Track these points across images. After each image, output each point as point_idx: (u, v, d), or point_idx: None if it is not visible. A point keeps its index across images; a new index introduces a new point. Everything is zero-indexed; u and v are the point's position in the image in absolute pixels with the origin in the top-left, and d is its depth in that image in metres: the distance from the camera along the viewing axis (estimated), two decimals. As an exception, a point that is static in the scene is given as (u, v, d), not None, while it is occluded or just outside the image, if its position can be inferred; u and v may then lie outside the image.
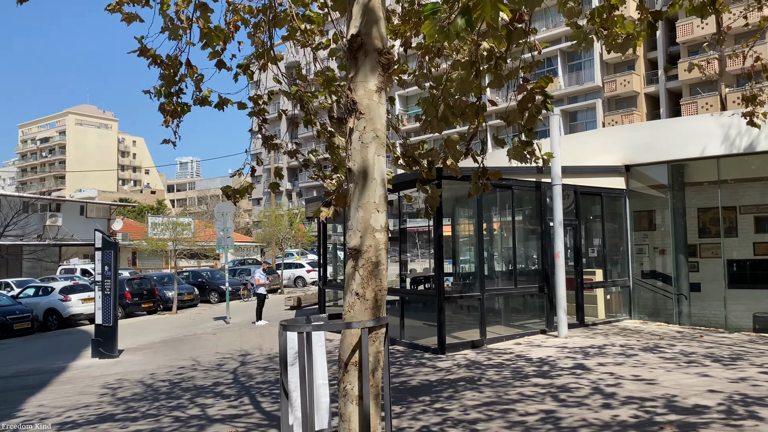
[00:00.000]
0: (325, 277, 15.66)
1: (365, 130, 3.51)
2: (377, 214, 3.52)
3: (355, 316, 3.56)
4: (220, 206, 19.53)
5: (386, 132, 3.63)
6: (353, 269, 3.57)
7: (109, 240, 14.21)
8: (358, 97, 3.52)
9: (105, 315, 13.90)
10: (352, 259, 3.58)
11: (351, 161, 3.56)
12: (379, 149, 3.55)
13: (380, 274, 3.55)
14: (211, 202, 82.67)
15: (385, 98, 3.68)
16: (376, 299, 3.55)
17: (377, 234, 3.53)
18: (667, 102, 46.29)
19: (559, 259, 11.88)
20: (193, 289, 25.56)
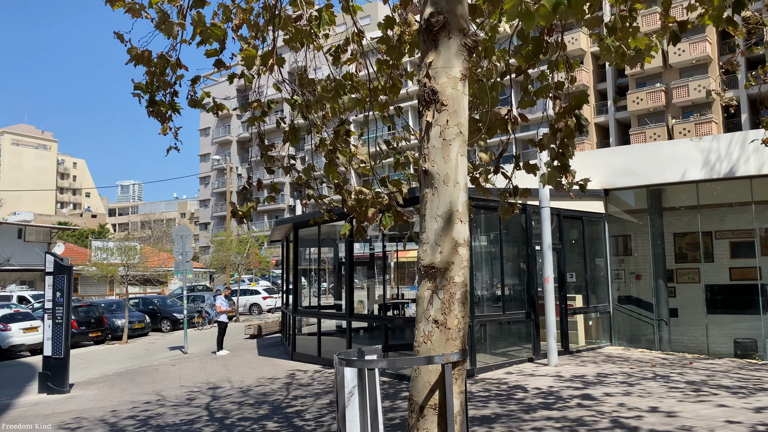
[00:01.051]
0: (295, 302, 14.84)
1: (448, 124, 2.93)
2: (460, 225, 2.93)
3: (433, 348, 2.93)
4: (178, 229, 18.48)
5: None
6: (430, 292, 2.95)
7: (62, 264, 13.04)
8: (439, 86, 2.94)
9: (55, 346, 12.68)
10: (427, 279, 2.96)
11: (428, 162, 2.96)
12: (462, 148, 2.97)
13: (464, 298, 2.94)
14: (155, 227, 79.98)
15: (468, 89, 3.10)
16: (460, 328, 2.93)
17: (461, 249, 2.93)
18: (616, 132, 47.52)
19: (549, 284, 11.48)
20: (144, 317, 24.14)
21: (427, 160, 2.98)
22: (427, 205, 2.99)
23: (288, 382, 11.58)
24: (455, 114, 2.95)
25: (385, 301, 17.81)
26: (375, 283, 18.48)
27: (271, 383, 11.56)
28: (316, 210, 20.20)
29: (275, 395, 10.33)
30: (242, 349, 17.89)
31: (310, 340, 14.62)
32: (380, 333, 14.43)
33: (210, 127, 77.94)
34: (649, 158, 13.92)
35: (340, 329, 16.16)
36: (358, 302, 21.56)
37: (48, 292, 12.97)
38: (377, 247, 19.38)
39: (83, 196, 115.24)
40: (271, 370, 13.25)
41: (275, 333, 21.85)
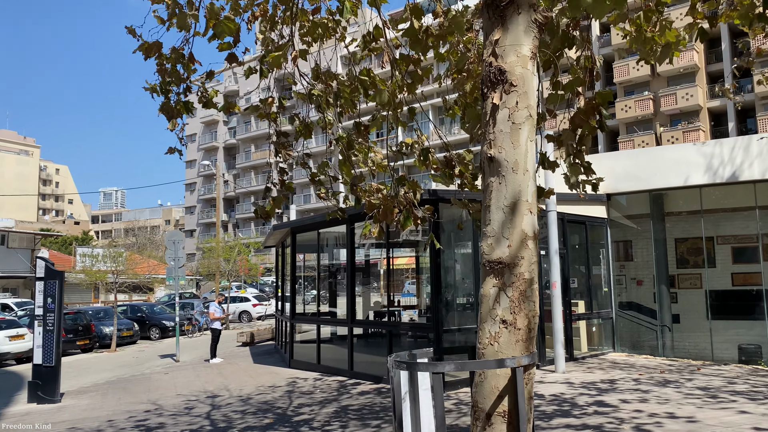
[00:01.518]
0: (293, 309, 14.52)
1: (517, 107, 2.70)
2: (530, 216, 2.71)
3: (502, 350, 2.69)
4: (171, 234, 18.10)
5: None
6: (497, 289, 2.71)
7: (53, 269, 12.64)
8: (508, 65, 2.72)
9: (46, 354, 12.25)
10: (493, 275, 2.72)
11: (494, 148, 2.74)
12: (532, 132, 2.75)
13: (534, 296, 2.71)
14: (140, 234, 79.01)
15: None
16: (530, 328, 2.69)
17: (530, 242, 2.70)
18: (605, 139, 47.71)
19: (556, 289, 11.29)
20: (133, 324, 23.63)
21: (493, 146, 2.75)
22: (492, 194, 2.76)
23: (289, 390, 11.26)
24: (525, 95, 2.74)
25: (385, 307, 17.53)
26: (369, 289, 18.21)
27: (272, 391, 11.23)
28: (318, 213, 19.97)
29: (278, 403, 10.02)
30: (236, 356, 17.51)
31: (309, 347, 14.30)
32: (381, 340, 14.14)
33: (196, 134, 77.28)
34: (652, 163, 13.82)
35: (335, 336, 15.82)
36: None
37: (38, 298, 12.55)
38: (372, 254, 19.13)
39: (66, 203, 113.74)
40: (269, 378, 12.91)
41: (268, 341, 21.47)
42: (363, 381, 11.44)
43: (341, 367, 12.42)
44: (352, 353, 12.11)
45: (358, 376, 11.80)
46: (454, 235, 11.72)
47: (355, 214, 12.27)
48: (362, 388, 10.82)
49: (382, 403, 9.43)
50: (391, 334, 11.19)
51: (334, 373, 12.56)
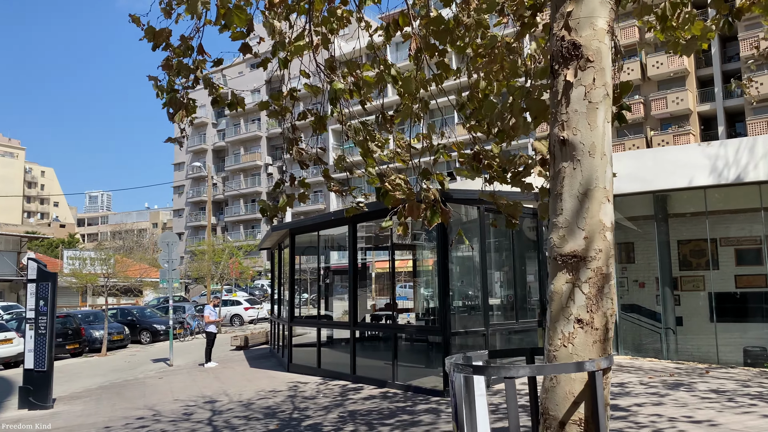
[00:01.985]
0: (291, 312, 14.21)
1: (594, 84, 2.47)
2: (607, 204, 2.47)
3: (576, 352, 2.45)
4: (165, 236, 17.72)
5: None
6: (570, 285, 2.47)
7: (45, 270, 12.26)
8: (583, 39, 2.49)
9: (38, 358, 11.88)
10: (566, 270, 2.48)
11: (567, 129, 2.50)
12: (608, 113, 2.52)
13: (611, 292, 2.47)
14: (127, 237, 78.14)
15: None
16: (607, 328, 2.46)
17: (608, 234, 2.47)
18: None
19: (563, 291, 11.09)
20: (123, 328, 23.17)
21: (567, 128, 2.52)
22: (565, 181, 2.53)
23: (291, 395, 10.96)
24: (602, 72, 2.51)
25: (381, 310, 17.26)
26: (365, 292, 17.96)
27: (273, 396, 10.92)
28: (320, 214, 19.68)
29: (281, 409, 9.72)
30: (231, 360, 17.16)
31: (308, 351, 14.01)
32: (383, 344, 13.88)
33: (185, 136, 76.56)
34: (656, 164, 13.68)
35: (335, 339, 15.55)
36: (342, 312, 20.98)
37: (30, 301, 12.17)
38: (361, 257, 18.86)
39: (51, 206, 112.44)
40: (268, 382, 12.60)
41: (262, 344, 21.13)
42: (366, 385, 11.17)
43: (343, 371, 12.13)
44: (354, 357, 11.83)
45: (361, 380, 11.53)
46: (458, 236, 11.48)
47: (358, 215, 12.03)
48: (367, 393, 10.54)
49: (389, 408, 9.17)
50: (396, 338, 10.91)
51: (335, 378, 12.27)
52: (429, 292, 17.80)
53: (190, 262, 57.84)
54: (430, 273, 17.47)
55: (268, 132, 68.62)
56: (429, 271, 17.73)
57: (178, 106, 5.84)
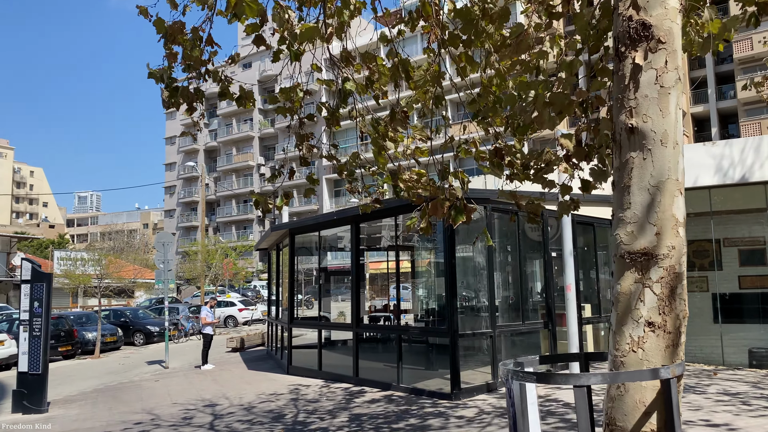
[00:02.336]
0: (291, 313, 13.97)
1: (666, 67, 2.29)
2: (679, 198, 2.28)
3: (647, 357, 2.27)
4: (160, 236, 17.43)
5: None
6: (640, 285, 2.27)
7: (40, 271, 11.96)
8: (653, 19, 2.31)
9: (32, 361, 11.59)
10: (635, 269, 2.29)
11: (636, 116, 2.32)
12: (680, 99, 2.32)
13: (684, 293, 2.28)
14: (117, 238, 77.46)
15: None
16: (680, 332, 2.26)
17: (681, 230, 2.28)
18: (590, 144, 47.78)
19: (571, 292, 10.92)
20: (117, 329, 22.83)
21: (635, 115, 2.33)
22: (634, 172, 2.34)
23: (293, 398, 10.72)
24: (674, 54, 2.32)
25: (379, 311, 17.07)
26: (362, 294, 17.72)
27: (275, 399, 10.69)
28: (322, 214, 19.37)
29: (285, 413, 9.48)
30: (227, 363, 16.89)
31: (309, 353, 13.78)
32: (387, 345, 13.66)
33: (176, 136, 76.06)
34: (662, 163, 13.54)
35: (335, 341, 15.33)
36: (338, 314, 20.75)
37: (24, 302, 11.88)
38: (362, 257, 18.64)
39: (40, 206, 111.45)
40: (268, 385, 12.36)
41: (258, 346, 20.89)
42: (370, 388, 10.95)
43: (345, 374, 11.91)
44: (357, 359, 11.61)
45: (364, 383, 11.31)
46: (465, 237, 11.32)
47: (363, 215, 11.82)
48: (371, 396, 10.33)
49: (395, 412, 8.96)
50: (400, 339, 10.70)
51: (337, 380, 12.05)
52: (425, 292, 17.62)
53: (182, 262, 57.41)
54: (429, 274, 17.29)
55: (260, 132, 68.24)
56: (427, 272, 17.55)
57: (190, 98, 5.60)
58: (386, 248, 16.35)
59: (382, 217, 11.34)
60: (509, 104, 5.36)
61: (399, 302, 10.78)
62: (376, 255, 24.04)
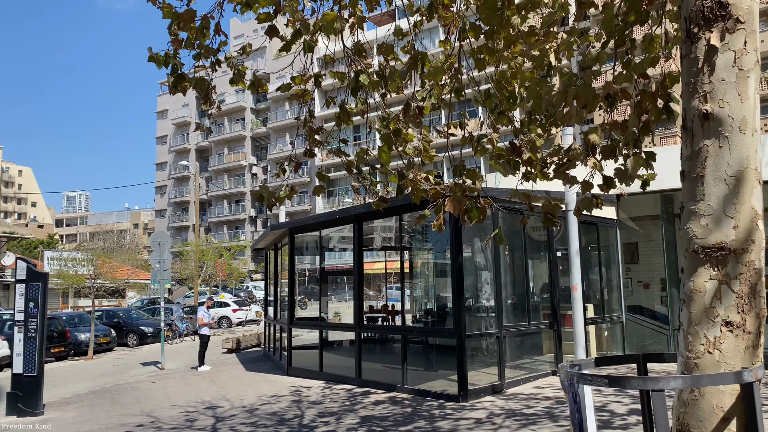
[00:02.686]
0: (291, 314, 13.77)
1: (746, 49, 2.14)
2: (759, 189, 2.12)
3: (725, 359, 2.13)
4: (156, 235, 17.17)
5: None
6: (716, 282, 2.12)
7: (36, 270, 11.70)
8: (733, -3, 2.14)
9: (28, 362, 11.33)
10: (711, 265, 2.14)
11: (712, 101, 2.17)
12: (758, 83, 2.17)
13: (763, 290, 2.13)
14: (107, 238, 76.78)
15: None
16: (759, 331, 2.11)
17: (760, 223, 2.12)
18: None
19: (577, 292, 10.81)
20: (110, 330, 22.51)
21: (711, 100, 2.18)
22: (708, 161, 2.19)
23: (296, 399, 10.53)
24: (753, 35, 2.17)
25: (378, 312, 16.90)
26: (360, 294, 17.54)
27: (276, 401, 10.49)
28: (325, 212, 19.08)
29: (289, 415, 9.29)
30: (224, 364, 16.66)
31: (309, 354, 13.59)
32: (387, 346, 13.50)
33: (167, 135, 75.57)
34: (665, 162, 13.44)
35: (336, 342, 15.16)
36: (333, 314, 20.56)
37: (19, 303, 11.61)
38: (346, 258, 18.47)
39: (29, 206, 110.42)
40: (269, 386, 12.15)
41: (254, 347, 20.66)
42: (374, 390, 10.77)
43: (347, 375, 11.73)
44: (359, 360, 11.43)
45: (366, 384, 11.13)
46: (470, 237, 11.17)
47: (363, 213, 11.65)
48: (375, 398, 10.15)
49: (402, 414, 8.80)
50: (405, 340, 10.53)
51: (339, 381, 11.86)
52: (423, 293, 17.47)
53: (173, 263, 56.96)
54: (427, 274, 17.14)
55: (252, 132, 67.88)
56: (425, 272, 17.39)
57: (204, 89, 5.42)
58: (389, 248, 16.18)
59: (386, 216, 11.16)
60: (531, 98, 5.23)
61: (403, 303, 10.59)
62: (370, 255, 23.86)
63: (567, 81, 4.93)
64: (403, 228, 10.80)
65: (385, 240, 15.29)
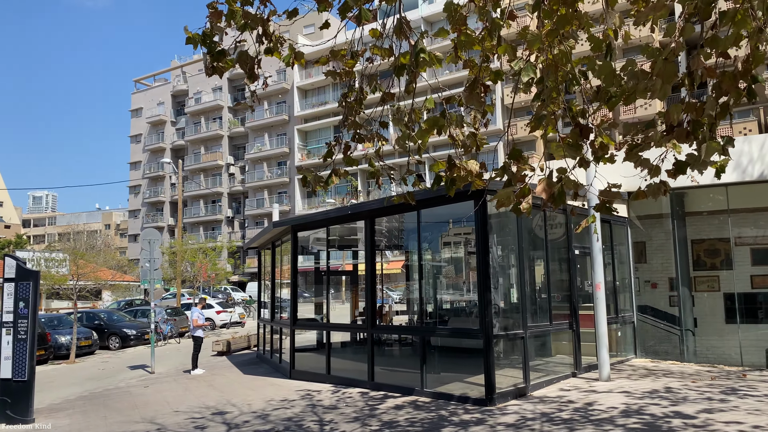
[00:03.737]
0: (294, 314, 13.19)
1: None
2: None
3: None
4: (146, 233, 16.43)
5: None
6: None
7: (26, 268, 10.97)
8: None
9: (17, 367, 10.62)
10: None
11: None
12: None
13: None
14: (78, 239, 74.81)
15: None
16: None
17: None
18: (565, 146, 47.93)
19: (600, 291, 10.48)
20: (92, 333, 21.61)
21: None
22: None
23: (308, 404, 9.99)
24: None
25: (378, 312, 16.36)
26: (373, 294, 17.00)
27: (289, 407, 9.93)
28: (336, 207, 18.54)
29: (307, 422, 8.75)
30: (218, 367, 16.00)
31: (312, 356, 13.05)
32: (388, 348, 13.01)
33: (142, 134, 74.01)
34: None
35: (320, 344, 14.42)
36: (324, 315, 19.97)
37: (7, 302, 10.87)
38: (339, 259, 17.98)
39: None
40: (274, 390, 11.58)
41: (244, 349, 20.01)
42: (390, 393, 10.29)
43: (358, 378, 11.23)
44: (372, 362, 10.94)
45: (381, 387, 10.64)
46: (497, 231, 10.76)
47: (376, 209, 11.17)
48: (394, 402, 9.66)
49: (429, 419, 8.33)
50: (424, 341, 10.06)
51: (348, 385, 11.35)
52: (427, 292, 17.00)
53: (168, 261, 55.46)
54: (430, 273, 16.65)
55: (230, 131, 66.82)
56: (435, 271, 16.93)
57: (248, 63, 4.89)
58: (394, 247, 15.70)
59: (401, 212, 10.69)
60: (603, 74, 4.84)
61: (422, 302, 10.10)
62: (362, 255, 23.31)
63: (651, 54, 4.59)
64: (419, 224, 10.32)
65: (394, 238, 14.80)
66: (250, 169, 64.70)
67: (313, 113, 60.15)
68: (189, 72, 72.80)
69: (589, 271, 11.93)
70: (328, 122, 58.86)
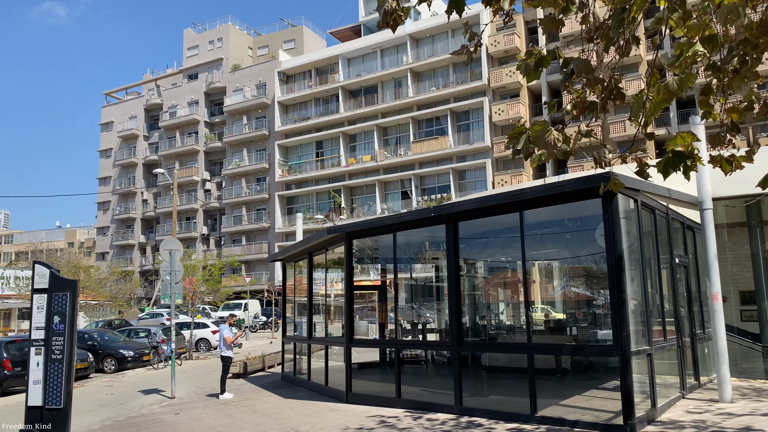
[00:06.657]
0: (350, 331, 11.84)
1: None
2: None
3: None
4: (167, 243, 14.87)
5: None
6: None
7: (61, 277, 9.42)
8: None
9: (52, 392, 9.06)
10: None
11: None
12: None
13: None
14: (38, 257, 71.26)
15: None
16: None
17: None
18: (552, 164, 47.62)
19: (718, 302, 9.49)
20: (87, 354, 19.68)
21: None
22: None
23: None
24: None
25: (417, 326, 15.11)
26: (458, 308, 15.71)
27: (380, 436, 8.59)
28: (414, 210, 17.08)
29: (421, 454, 7.44)
30: (243, 391, 14.47)
31: (372, 377, 11.72)
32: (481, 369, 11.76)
33: (112, 149, 71.31)
34: (765, 163, 12.45)
35: (362, 364, 13.02)
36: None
37: (38, 317, 9.28)
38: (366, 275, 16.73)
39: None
40: (340, 417, 10.20)
41: (258, 371, 18.48)
42: (485, 420, 9.00)
43: (441, 402, 9.95)
44: (459, 384, 9.67)
45: (472, 413, 9.37)
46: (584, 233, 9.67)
47: (459, 212, 10.02)
48: (504, 427, 8.41)
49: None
50: (532, 359, 8.83)
51: (428, 410, 10.05)
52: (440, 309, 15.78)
53: (116, 284, 52.85)
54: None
55: (206, 146, 64.82)
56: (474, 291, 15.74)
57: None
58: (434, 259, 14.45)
59: (499, 213, 9.53)
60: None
61: (528, 318, 8.90)
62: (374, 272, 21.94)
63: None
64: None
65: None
66: (227, 184, 62.75)
67: (294, 128, 58.77)
68: (163, 86, 70.71)
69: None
70: (310, 138, 57.52)
